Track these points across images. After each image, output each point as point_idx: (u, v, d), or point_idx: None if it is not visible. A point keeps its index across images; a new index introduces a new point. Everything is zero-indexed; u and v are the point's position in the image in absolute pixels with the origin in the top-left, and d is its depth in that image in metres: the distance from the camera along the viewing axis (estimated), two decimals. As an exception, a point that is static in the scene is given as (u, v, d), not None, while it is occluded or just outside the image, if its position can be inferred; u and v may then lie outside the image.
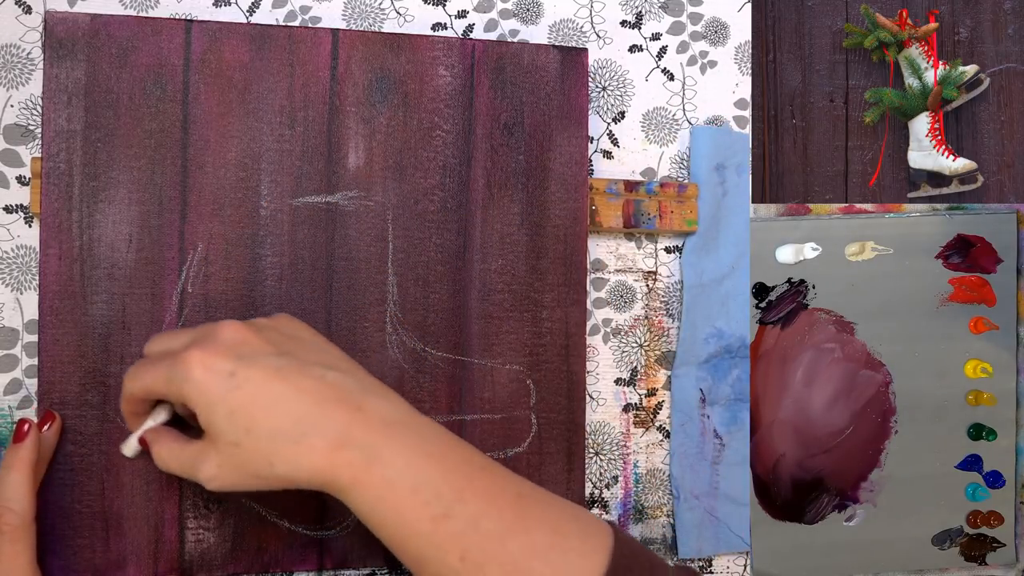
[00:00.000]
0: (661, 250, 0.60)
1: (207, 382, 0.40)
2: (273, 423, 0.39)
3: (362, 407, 0.40)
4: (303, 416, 0.39)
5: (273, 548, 0.50)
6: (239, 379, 0.40)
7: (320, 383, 0.40)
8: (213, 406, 0.40)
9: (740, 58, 0.62)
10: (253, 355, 0.41)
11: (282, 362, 0.41)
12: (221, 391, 0.39)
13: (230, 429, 0.39)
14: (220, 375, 0.40)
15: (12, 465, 0.45)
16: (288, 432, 0.39)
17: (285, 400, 0.40)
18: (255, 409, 0.39)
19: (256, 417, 0.39)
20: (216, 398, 0.39)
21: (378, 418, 0.40)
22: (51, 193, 0.48)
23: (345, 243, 0.52)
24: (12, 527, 0.43)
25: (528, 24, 0.58)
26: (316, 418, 0.39)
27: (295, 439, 0.39)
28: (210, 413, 0.40)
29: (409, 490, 0.39)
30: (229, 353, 0.40)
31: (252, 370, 0.40)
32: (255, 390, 0.39)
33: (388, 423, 0.40)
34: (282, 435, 0.39)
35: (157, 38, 0.50)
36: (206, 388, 0.40)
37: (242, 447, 0.39)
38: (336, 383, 0.41)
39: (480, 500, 0.39)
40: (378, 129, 0.53)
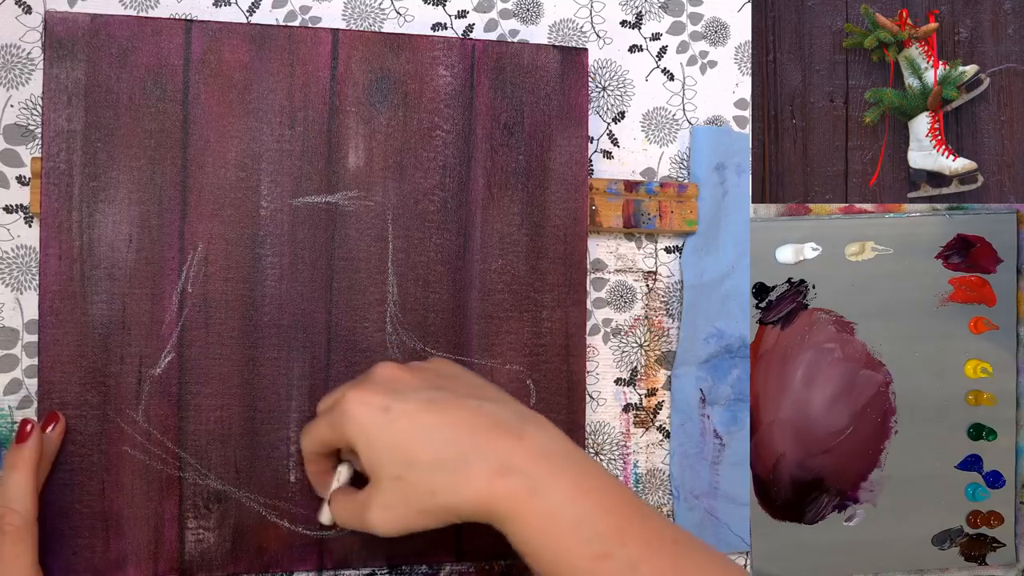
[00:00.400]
0: (661, 250, 0.60)
1: (364, 418, 0.41)
2: (433, 454, 0.40)
3: (522, 436, 0.40)
4: (463, 445, 0.40)
5: (273, 548, 0.50)
6: (394, 413, 0.41)
7: (476, 413, 0.41)
8: (372, 442, 0.41)
9: (740, 58, 0.62)
10: (407, 391, 0.42)
11: (436, 395, 0.42)
12: (378, 426, 0.40)
13: (390, 463, 0.40)
14: (376, 410, 0.41)
15: (15, 465, 0.45)
16: (449, 461, 0.39)
17: (442, 430, 0.40)
18: (413, 441, 0.40)
19: (415, 449, 0.40)
20: (374, 434, 0.41)
21: (539, 447, 0.40)
22: (51, 193, 0.48)
23: (345, 243, 0.52)
24: (15, 528, 0.43)
25: (528, 24, 0.58)
26: (475, 445, 0.40)
27: (455, 468, 0.39)
28: (371, 450, 0.41)
29: (570, 525, 0.39)
30: (383, 390, 0.42)
31: (406, 404, 0.41)
32: (411, 422, 0.40)
33: (549, 453, 0.40)
34: (443, 465, 0.40)
35: (157, 38, 0.50)
36: (364, 424, 0.41)
37: (404, 480, 0.40)
38: (494, 413, 0.41)
39: (639, 543, 0.39)
40: (378, 129, 0.53)
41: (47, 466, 0.47)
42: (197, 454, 0.50)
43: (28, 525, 0.44)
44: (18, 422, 0.49)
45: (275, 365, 0.51)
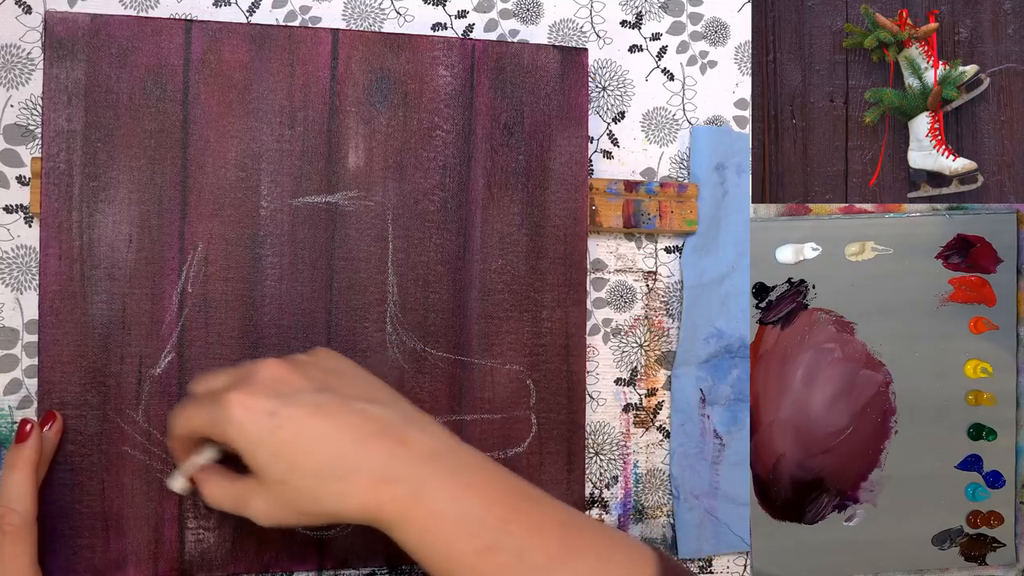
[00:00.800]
0: (661, 250, 0.60)
1: (248, 423, 0.40)
2: (317, 461, 0.39)
3: (405, 440, 0.40)
4: (346, 452, 0.40)
5: (273, 548, 0.50)
6: (280, 419, 0.40)
7: (362, 418, 0.41)
8: (256, 446, 0.40)
9: (740, 58, 0.62)
10: (293, 393, 0.41)
11: (322, 399, 0.41)
12: (263, 432, 0.40)
13: (275, 468, 0.40)
14: (260, 415, 0.40)
15: (14, 465, 0.45)
16: (332, 470, 0.39)
17: (327, 437, 0.40)
18: (298, 448, 0.40)
19: (299, 456, 0.39)
20: (258, 439, 0.40)
21: (421, 450, 0.40)
22: (51, 193, 0.48)
23: (345, 243, 0.52)
24: (14, 527, 0.43)
25: (528, 24, 0.58)
26: (359, 454, 0.40)
27: (340, 476, 0.39)
28: (254, 453, 0.40)
29: (455, 523, 0.39)
30: (268, 392, 0.41)
31: (292, 409, 0.40)
32: (297, 429, 0.40)
33: (432, 455, 0.40)
34: (326, 473, 0.39)
35: (157, 38, 0.50)
36: (247, 429, 0.40)
37: (288, 485, 0.40)
38: (378, 416, 0.41)
39: (525, 531, 0.39)
40: (378, 129, 0.53)
41: (45, 465, 0.47)
42: (197, 454, 0.49)
43: (28, 525, 0.44)
44: (18, 422, 0.49)
45: (275, 365, 0.51)
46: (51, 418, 0.47)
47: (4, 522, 0.43)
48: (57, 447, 0.48)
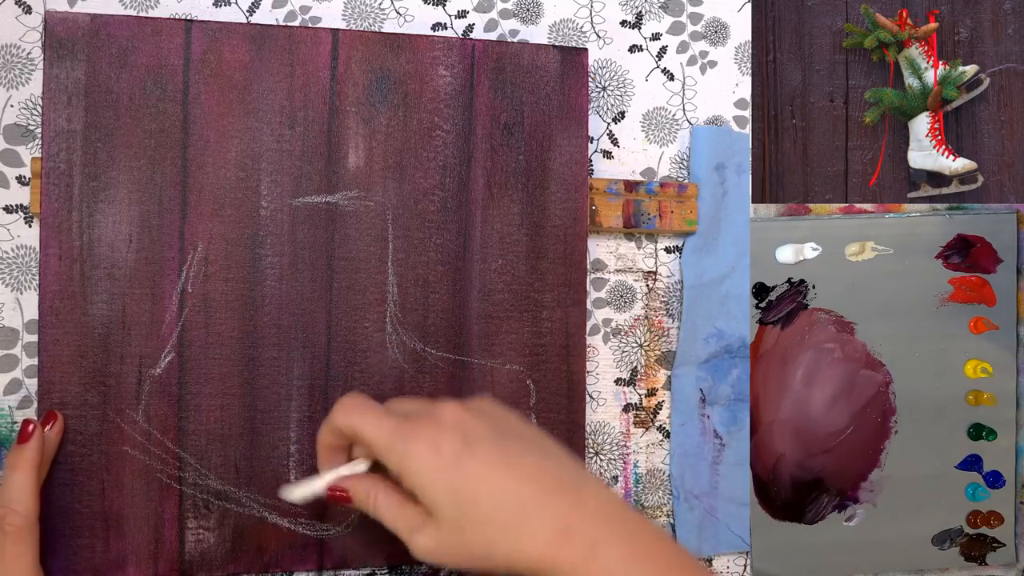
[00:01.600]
0: (661, 250, 0.60)
1: (431, 461, 0.40)
2: (496, 509, 0.39)
3: (581, 497, 0.40)
4: (525, 503, 0.39)
5: (273, 548, 0.50)
6: (464, 462, 0.40)
7: (540, 470, 0.41)
8: (434, 485, 0.40)
9: (740, 58, 0.62)
10: (477, 438, 0.41)
11: (504, 447, 0.41)
12: (445, 472, 0.40)
13: (453, 511, 0.40)
14: (447, 457, 0.40)
15: (16, 466, 0.45)
16: (511, 520, 0.39)
17: (508, 486, 0.40)
18: (480, 494, 0.40)
19: (480, 502, 0.39)
20: (439, 479, 0.40)
21: (597, 509, 0.40)
22: (51, 193, 0.48)
23: (345, 243, 0.52)
24: (16, 528, 0.43)
25: (528, 24, 0.58)
26: (539, 507, 0.39)
27: (517, 526, 0.39)
28: (432, 491, 0.40)
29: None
30: (455, 434, 0.41)
31: (476, 453, 0.40)
32: (479, 474, 0.40)
33: (607, 515, 0.40)
34: (505, 522, 0.39)
35: (157, 38, 0.50)
36: (429, 466, 0.40)
37: (465, 532, 0.40)
38: (556, 471, 0.41)
39: None
40: (378, 129, 0.53)
41: (47, 466, 0.47)
42: (197, 454, 0.50)
43: (29, 525, 0.44)
44: (18, 422, 0.49)
45: (275, 365, 0.51)
46: (52, 418, 0.47)
47: (5, 523, 0.43)
48: (58, 447, 0.48)
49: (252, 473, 0.50)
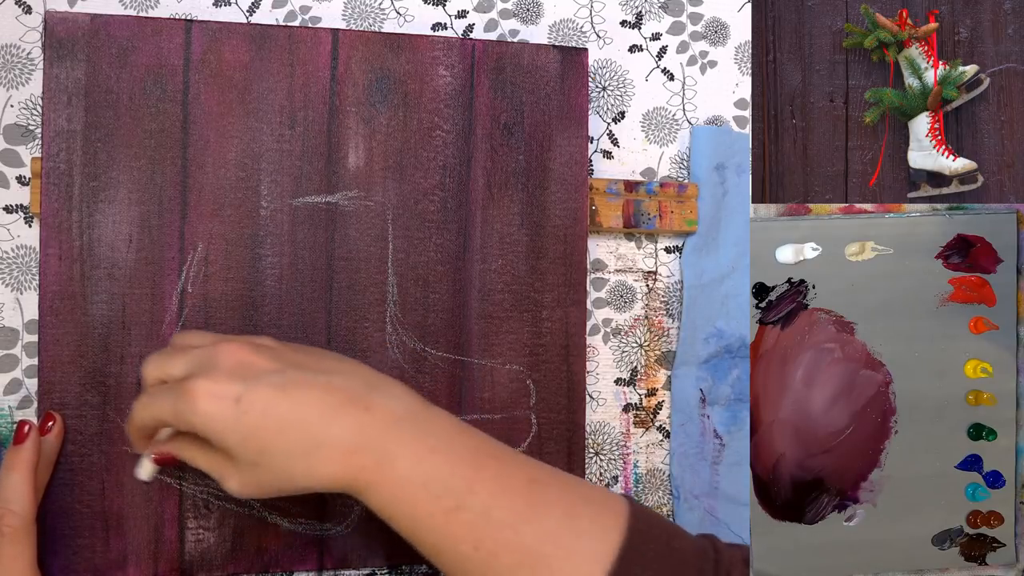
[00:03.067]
0: (661, 250, 0.60)
1: (215, 412, 0.40)
2: (285, 441, 0.40)
3: (370, 407, 0.41)
4: (313, 428, 0.40)
5: (273, 548, 0.50)
6: (245, 404, 0.40)
7: (326, 391, 0.41)
8: (224, 434, 0.40)
9: (740, 58, 0.62)
10: (256, 376, 0.40)
11: (285, 378, 0.41)
12: (230, 419, 0.40)
13: (245, 453, 0.40)
14: (227, 403, 0.40)
15: (12, 466, 0.45)
16: (301, 448, 0.40)
17: (293, 416, 0.40)
18: (266, 431, 0.40)
19: (268, 439, 0.40)
20: (226, 426, 0.40)
21: (387, 416, 0.41)
22: (51, 193, 0.48)
23: (345, 243, 0.52)
24: (13, 529, 0.43)
25: (528, 24, 0.58)
26: (326, 427, 0.40)
27: (309, 452, 0.40)
28: (223, 440, 0.40)
29: (420, 486, 0.39)
30: (233, 378, 0.40)
31: (257, 392, 0.40)
32: (263, 412, 0.40)
33: (396, 420, 0.41)
34: (296, 451, 0.40)
35: (157, 38, 0.50)
36: (214, 418, 0.40)
37: (260, 467, 0.40)
38: (342, 387, 0.41)
39: (490, 490, 0.40)
40: (378, 129, 0.53)
41: (49, 467, 0.47)
42: (197, 454, 0.49)
43: (27, 526, 0.44)
44: (17, 422, 0.49)
45: (275, 365, 0.51)
46: (50, 419, 0.47)
47: (3, 523, 0.43)
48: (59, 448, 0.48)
49: (252, 473, 0.50)
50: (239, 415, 0.39)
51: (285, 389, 0.40)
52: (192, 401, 0.40)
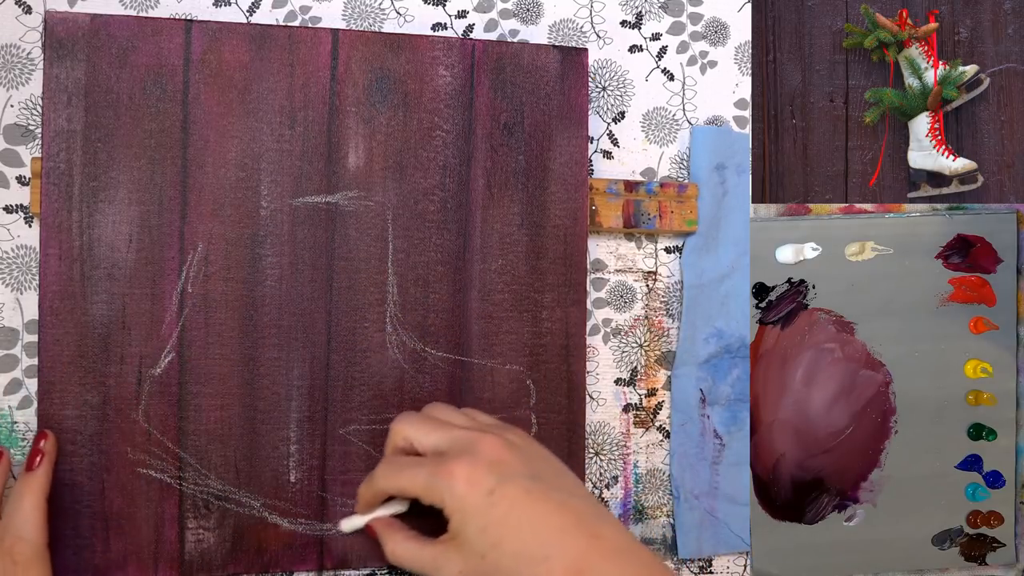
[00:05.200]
0: (661, 250, 0.60)
1: (468, 497, 0.42)
2: (520, 543, 0.42)
3: (598, 534, 0.42)
4: (547, 539, 0.42)
5: (273, 548, 0.50)
6: (496, 497, 0.42)
7: (563, 508, 0.43)
8: (469, 519, 0.42)
9: (740, 58, 0.62)
10: (510, 475, 0.43)
11: (533, 485, 0.43)
12: (480, 507, 0.42)
13: (479, 542, 0.42)
14: (481, 492, 0.42)
15: (24, 494, 0.45)
16: (532, 553, 0.41)
17: (533, 522, 0.42)
18: (505, 528, 0.42)
19: (505, 535, 0.42)
20: (473, 512, 0.42)
21: (612, 546, 0.42)
22: (51, 193, 0.48)
23: (345, 243, 0.52)
24: (26, 557, 0.43)
25: (528, 24, 0.58)
26: (559, 542, 0.42)
27: (538, 561, 0.41)
28: (465, 525, 0.42)
29: None
30: (490, 471, 0.43)
31: (507, 489, 0.42)
32: (508, 510, 0.42)
33: (620, 552, 0.42)
34: (526, 556, 0.41)
35: (157, 38, 0.50)
36: (467, 503, 0.42)
37: (487, 560, 0.42)
38: (576, 509, 0.43)
39: None
40: (378, 129, 0.53)
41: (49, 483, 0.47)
42: (197, 454, 0.50)
43: (39, 553, 0.44)
44: (18, 422, 0.50)
45: (275, 365, 0.51)
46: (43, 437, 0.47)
47: (15, 551, 0.43)
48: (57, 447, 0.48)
49: (252, 473, 0.50)
50: (488, 506, 0.42)
51: (531, 495, 0.43)
52: (451, 480, 0.43)
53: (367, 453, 0.52)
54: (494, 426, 0.49)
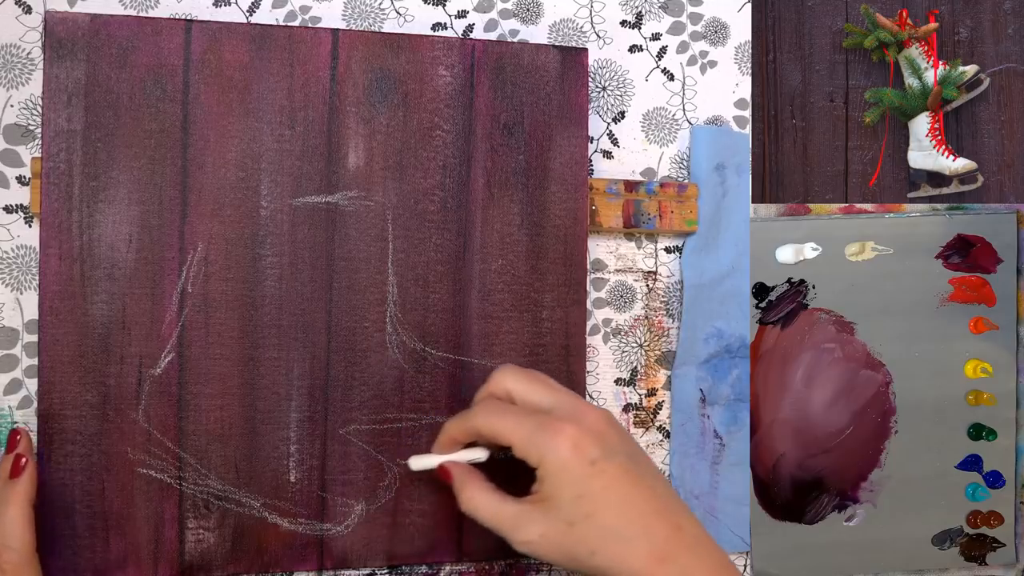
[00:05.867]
0: (661, 250, 0.60)
1: (572, 461, 0.42)
2: (612, 519, 0.42)
3: (680, 525, 0.43)
4: (636, 521, 0.42)
5: (273, 548, 0.50)
6: (597, 468, 0.42)
7: (652, 493, 0.43)
8: (566, 484, 0.42)
9: (740, 58, 0.62)
10: (613, 451, 0.43)
11: (632, 465, 0.44)
12: (581, 474, 0.42)
13: (571, 510, 0.42)
14: (585, 460, 0.42)
15: (8, 501, 0.44)
16: (621, 531, 0.42)
17: (626, 502, 0.42)
18: (601, 502, 0.42)
19: (599, 509, 0.42)
20: (574, 478, 0.42)
21: (692, 539, 0.43)
22: (51, 193, 0.48)
23: (345, 243, 0.52)
24: (13, 565, 0.43)
25: (528, 24, 0.58)
26: (646, 526, 0.42)
27: (625, 540, 0.42)
28: (559, 488, 0.42)
29: None
30: (597, 441, 0.43)
31: (610, 464, 0.43)
32: (607, 484, 0.42)
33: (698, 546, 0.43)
34: (614, 533, 0.42)
35: (157, 38, 0.50)
36: (569, 467, 0.42)
37: (574, 529, 0.42)
38: (662, 496, 0.44)
39: None
40: (378, 129, 0.53)
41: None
42: (197, 454, 0.50)
43: (26, 561, 0.43)
44: (19, 423, 0.49)
45: (275, 365, 0.51)
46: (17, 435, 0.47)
47: (2, 560, 0.43)
48: (56, 447, 0.48)
49: (252, 473, 0.50)
50: (590, 476, 0.42)
51: (630, 474, 0.43)
52: (558, 438, 0.43)
53: (367, 453, 0.52)
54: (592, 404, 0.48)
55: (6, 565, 0.43)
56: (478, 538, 0.53)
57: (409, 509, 0.52)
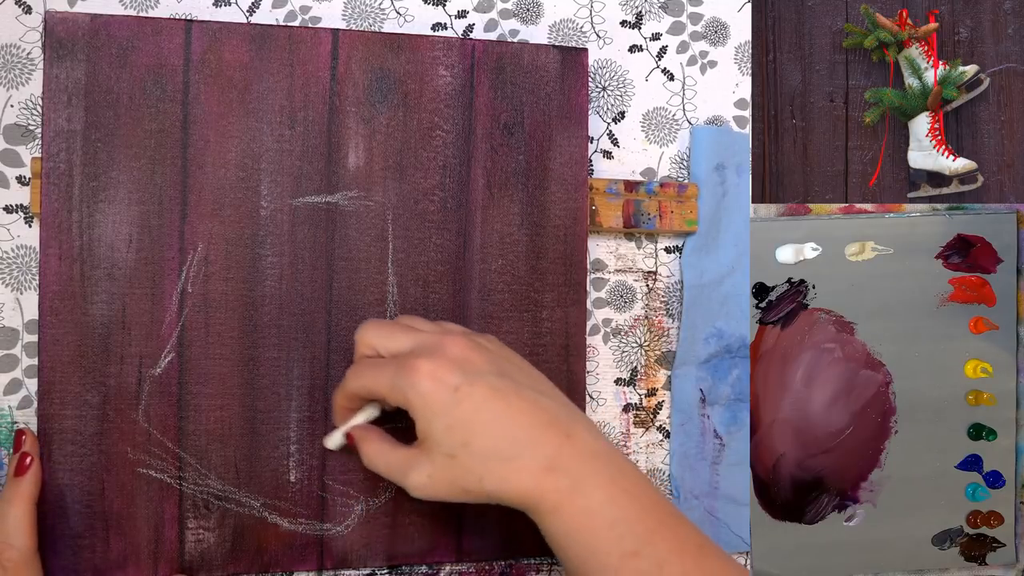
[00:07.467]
0: (661, 250, 0.60)
1: (433, 394, 0.41)
2: (489, 441, 0.41)
3: (571, 435, 0.42)
4: (517, 437, 0.41)
5: (273, 548, 0.50)
6: (462, 394, 0.41)
7: (534, 407, 0.42)
8: (434, 417, 0.41)
9: (740, 58, 0.62)
10: (475, 373, 0.42)
11: (501, 383, 0.42)
12: (444, 404, 0.41)
13: (447, 442, 0.41)
14: (446, 389, 0.41)
15: (12, 499, 0.44)
16: (502, 451, 0.41)
17: (502, 420, 0.41)
18: (474, 425, 0.41)
19: (474, 433, 0.41)
20: (438, 410, 0.41)
21: (585, 447, 0.42)
22: (51, 193, 0.48)
23: (345, 243, 0.52)
24: (14, 563, 0.43)
25: (528, 24, 0.58)
26: (529, 440, 0.41)
27: (508, 458, 0.40)
28: (430, 423, 0.41)
29: (606, 523, 0.40)
30: (455, 368, 0.42)
31: (475, 387, 0.41)
32: (476, 407, 0.41)
33: (593, 453, 0.42)
34: (496, 453, 0.41)
35: (157, 38, 0.50)
36: (431, 400, 0.41)
37: (456, 460, 0.41)
38: (548, 408, 0.42)
39: (668, 545, 0.40)
40: (378, 129, 0.53)
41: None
42: (197, 454, 0.50)
43: (27, 559, 0.43)
44: (19, 423, 0.49)
45: (275, 365, 0.51)
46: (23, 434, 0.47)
47: (3, 558, 0.43)
48: (56, 447, 0.48)
49: (252, 473, 0.50)
50: (454, 402, 0.41)
51: (499, 392, 0.41)
52: (414, 377, 0.41)
53: (367, 453, 0.52)
54: (463, 331, 0.47)
55: (7, 563, 0.43)
56: (478, 538, 0.53)
57: (409, 509, 0.52)
